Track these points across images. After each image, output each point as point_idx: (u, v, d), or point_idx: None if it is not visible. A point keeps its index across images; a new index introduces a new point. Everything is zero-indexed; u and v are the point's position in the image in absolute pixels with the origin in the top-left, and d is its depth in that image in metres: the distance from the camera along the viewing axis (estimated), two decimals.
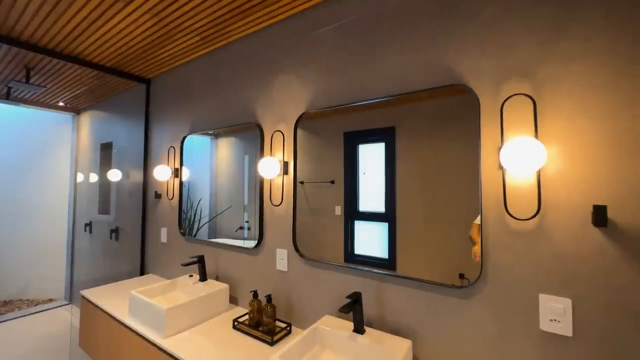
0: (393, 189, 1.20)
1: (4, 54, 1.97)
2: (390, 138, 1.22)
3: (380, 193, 1.24)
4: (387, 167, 1.23)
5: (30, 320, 2.91)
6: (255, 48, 1.68)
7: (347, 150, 1.34)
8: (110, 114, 2.92)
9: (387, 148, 1.23)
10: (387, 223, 1.22)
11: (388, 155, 1.22)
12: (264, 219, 1.57)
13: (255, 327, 1.37)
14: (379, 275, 1.17)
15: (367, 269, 1.20)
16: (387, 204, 1.22)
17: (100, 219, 2.96)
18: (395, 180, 1.20)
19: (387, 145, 1.23)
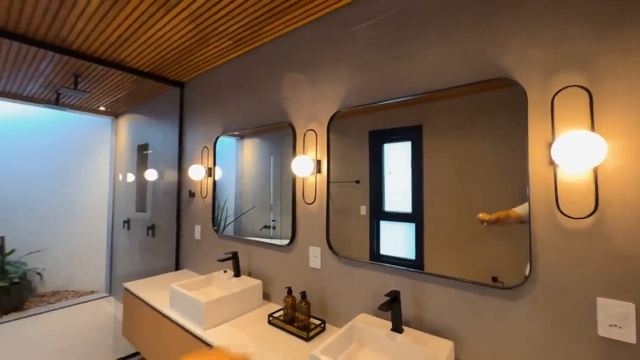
0: (420, 189, 1.18)
1: (56, 62, 2.14)
2: (417, 136, 1.20)
3: (406, 193, 1.22)
4: (413, 166, 1.21)
5: (76, 310, 3.13)
6: (287, 49, 1.71)
7: (372, 149, 1.33)
8: (147, 117, 3.08)
9: (413, 147, 1.21)
10: (413, 223, 1.20)
11: (415, 154, 1.21)
12: (296, 217, 1.59)
13: (290, 323, 1.39)
14: (417, 274, 1.15)
15: (404, 268, 1.18)
16: (413, 204, 1.20)
17: (137, 217, 3.13)
18: (422, 179, 1.17)
19: (413, 144, 1.21)
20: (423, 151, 1.17)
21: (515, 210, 0.95)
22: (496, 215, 0.99)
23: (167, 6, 1.50)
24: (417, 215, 1.18)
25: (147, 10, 1.53)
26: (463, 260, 1.05)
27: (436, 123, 1.15)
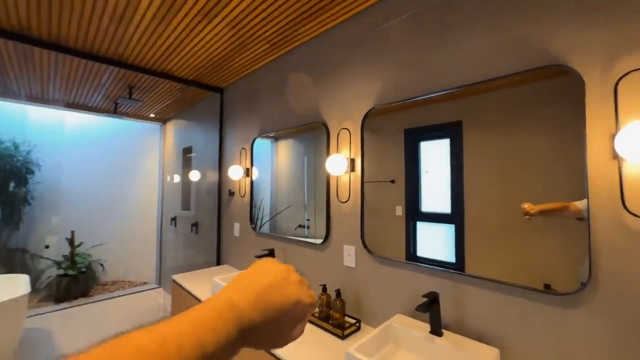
0: (460, 189, 1.12)
1: (115, 75, 2.38)
2: (456, 133, 1.14)
3: (444, 193, 1.17)
4: (452, 164, 1.15)
5: (131, 299, 3.46)
6: (320, 49, 1.73)
7: (408, 147, 1.29)
8: (190, 122, 3.30)
9: (452, 144, 1.16)
10: (453, 225, 1.14)
11: (454, 152, 1.15)
12: (330, 216, 1.61)
13: (325, 320, 1.40)
14: (458, 275, 1.10)
15: (443, 269, 1.14)
16: (453, 205, 1.14)
17: (183, 214, 3.37)
18: (462, 179, 1.11)
19: (452, 141, 1.16)
20: (463, 148, 1.12)
21: (576, 204, 0.86)
22: (545, 206, 0.91)
23: (209, 17, 1.60)
24: (457, 216, 1.13)
25: (191, 22, 1.65)
26: (509, 263, 0.98)
27: (478, 118, 1.09)
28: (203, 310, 0.28)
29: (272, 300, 0.32)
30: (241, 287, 0.32)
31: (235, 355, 0.29)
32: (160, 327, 0.25)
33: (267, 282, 0.33)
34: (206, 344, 0.25)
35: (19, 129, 3.34)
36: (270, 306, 0.32)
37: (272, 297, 0.32)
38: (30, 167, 3.37)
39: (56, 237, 3.56)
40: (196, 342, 0.25)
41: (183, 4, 1.49)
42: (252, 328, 0.30)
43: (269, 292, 0.32)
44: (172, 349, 0.23)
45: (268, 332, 0.32)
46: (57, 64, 2.17)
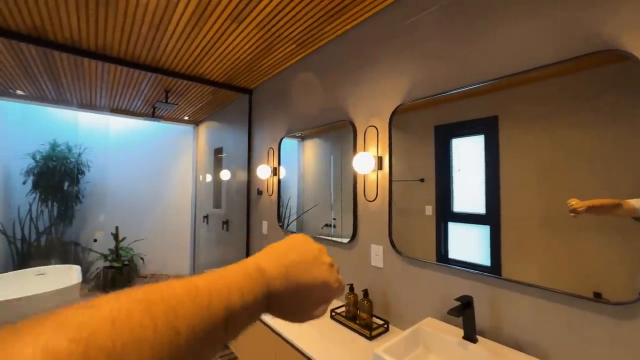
0: (496, 188, 1.05)
1: (153, 81, 2.54)
2: (491, 129, 1.07)
3: (479, 192, 1.10)
4: (487, 162, 1.08)
5: None
6: (346, 47, 1.71)
7: (439, 145, 1.24)
8: (220, 123, 3.44)
9: (487, 140, 1.09)
10: (488, 226, 1.08)
11: (489, 149, 1.08)
12: (357, 214, 1.59)
13: (352, 320, 1.39)
14: (494, 279, 1.04)
15: (477, 272, 1.08)
16: (488, 205, 1.08)
17: (214, 212, 3.52)
18: (498, 177, 1.04)
19: (487, 137, 1.09)
20: (499, 145, 1.05)
21: (631, 201, 0.78)
22: (594, 202, 0.83)
23: (238, 20, 1.65)
24: (493, 216, 1.06)
25: (221, 27, 1.71)
26: (551, 267, 0.91)
27: (516, 112, 1.01)
28: (233, 271, 0.29)
29: (300, 277, 0.32)
30: (272, 258, 0.32)
31: (257, 319, 0.29)
32: (194, 280, 0.25)
33: (297, 258, 0.33)
34: (233, 302, 0.26)
35: (71, 133, 3.68)
36: (297, 282, 0.32)
37: (300, 273, 0.32)
38: (81, 167, 3.70)
39: (103, 232, 3.88)
40: (225, 299, 0.25)
41: (213, 9, 1.55)
42: (278, 296, 0.30)
43: (298, 268, 0.33)
44: (204, 303, 0.24)
45: (293, 305, 0.32)
46: (103, 72, 2.36)
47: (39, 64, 2.20)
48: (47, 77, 2.46)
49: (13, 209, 3.30)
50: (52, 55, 2.05)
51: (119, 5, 1.51)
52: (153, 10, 1.55)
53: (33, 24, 1.67)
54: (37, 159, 3.43)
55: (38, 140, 3.47)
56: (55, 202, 3.53)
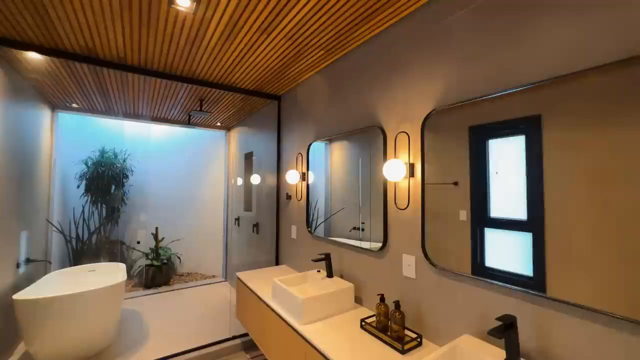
0: (539, 192, 0.97)
1: (189, 91, 2.68)
2: (533, 129, 0.99)
3: (519, 197, 1.03)
4: (529, 165, 1.01)
5: (202, 289, 3.85)
6: (375, 51, 1.68)
7: (474, 147, 1.17)
8: (251, 129, 3.54)
9: (528, 141, 1.01)
10: (530, 233, 1.00)
11: (530, 151, 1.00)
12: (387, 223, 1.55)
13: (383, 331, 1.36)
14: (541, 299, 0.96)
15: (521, 289, 1.00)
16: (530, 210, 1.00)
17: (245, 215, 3.63)
18: (542, 181, 0.97)
19: (528, 138, 1.01)
20: (542, 146, 0.97)
21: None
22: None
23: (267, 31, 1.68)
24: (536, 223, 0.99)
25: (251, 38, 1.76)
26: (607, 286, 0.82)
27: (563, 111, 0.93)
28: None
29: None
30: None
31: None
32: None
33: None
34: None
35: (117, 140, 4.00)
36: None
37: None
38: (125, 172, 4.00)
39: (144, 232, 4.17)
40: None
41: (244, 23, 1.60)
42: None
43: None
44: None
45: None
46: (145, 85, 2.53)
47: (91, 80, 2.41)
48: (97, 91, 2.69)
49: (69, 210, 3.64)
50: (102, 71, 2.24)
51: (158, 25, 1.61)
52: (189, 26, 1.64)
53: (86, 45, 1.84)
54: (88, 165, 3.76)
55: (89, 147, 3.82)
56: (103, 204, 3.85)
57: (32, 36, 1.75)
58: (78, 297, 2.08)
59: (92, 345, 2.23)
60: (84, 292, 2.11)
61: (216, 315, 3.03)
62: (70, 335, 2.09)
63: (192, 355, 2.26)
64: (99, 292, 2.18)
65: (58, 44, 1.84)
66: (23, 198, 2.44)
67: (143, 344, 2.45)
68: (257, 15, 1.52)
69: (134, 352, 2.33)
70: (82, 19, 1.56)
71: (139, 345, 2.44)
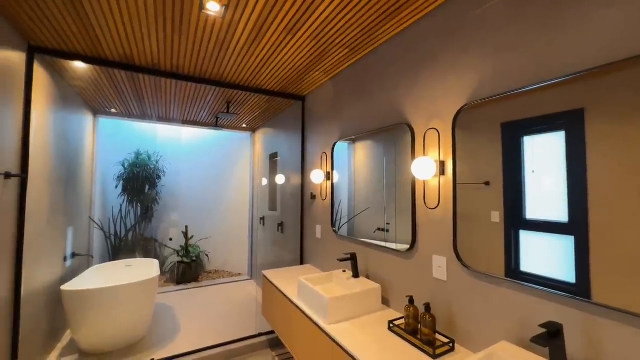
0: (582, 192, 0.90)
1: (217, 93, 2.77)
2: (574, 124, 0.92)
3: (559, 197, 0.96)
4: (570, 162, 0.93)
5: (229, 287, 3.96)
6: (402, 47, 1.64)
7: (507, 144, 1.11)
8: (275, 130, 3.59)
9: (569, 137, 0.94)
10: (572, 236, 0.93)
11: (572, 147, 0.93)
12: (416, 223, 1.51)
13: (412, 334, 1.32)
14: (589, 305, 0.88)
15: (566, 295, 0.93)
16: (572, 212, 0.93)
17: (270, 215, 3.69)
18: (585, 179, 0.89)
19: (569, 133, 0.94)
20: (586, 142, 0.90)
21: None
22: None
23: (292, 32, 1.70)
24: (578, 225, 0.91)
25: (277, 39, 1.78)
26: None
27: (609, 103, 0.85)
28: None
29: None
30: None
31: None
32: None
33: None
34: None
35: (151, 143, 4.23)
36: None
37: None
38: (158, 173, 4.21)
39: (175, 230, 4.36)
40: None
41: (271, 23, 1.62)
42: None
43: None
44: None
45: None
46: (177, 89, 2.65)
47: (128, 86, 2.56)
48: (134, 96, 2.86)
49: (108, 209, 3.90)
50: (138, 77, 2.37)
51: (190, 30, 1.68)
52: (218, 30, 1.69)
53: (124, 53, 1.96)
54: (125, 166, 4.01)
55: (126, 150, 4.07)
56: (138, 203, 4.08)
57: (79, 47, 1.89)
58: (118, 289, 2.22)
59: (129, 336, 2.37)
60: (124, 285, 2.24)
61: (242, 312, 3.11)
62: (110, 325, 2.23)
63: (220, 350, 2.32)
64: (136, 286, 2.31)
65: (100, 54, 1.97)
66: (70, 197, 2.65)
67: (174, 337, 2.56)
68: (283, 15, 1.54)
69: (167, 344, 2.44)
70: (121, 29, 1.67)
71: (171, 338, 2.55)
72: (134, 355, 2.28)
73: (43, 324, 2.13)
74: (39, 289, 2.05)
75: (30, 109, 1.82)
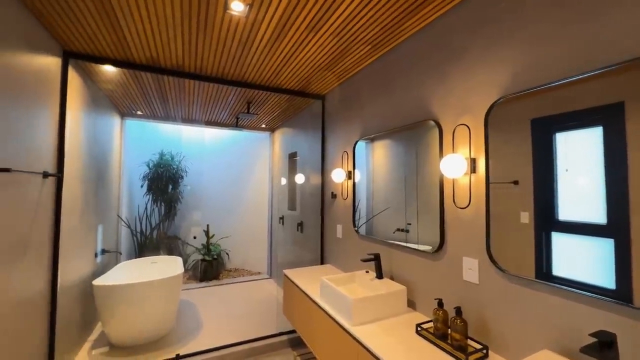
0: (623, 192, 0.84)
1: (238, 94, 2.80)
2: (613, 118, 0.86)
3: (595, 197, 0.90)
4: (608, 160, 0.87)
5: (249, 285, 4.00)
6: (428, 41, 1.59)
7: (538, 141, 1.05)
8: (294, 129, 3.60)
9: (607, 133, 0.88)
10: (611, 239, 0.86)
11: (611, 143, 0.87)
12: (444, 223, 1.45)
13: (441, 338, 1.27)
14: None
15: (616, 301, 0.85)
16: (611, 213, 0.86)
17: (289, 214, 3.70)
18: (626, 178, 0.83)
19: (607, 129, 0.88)
20: (626, 138, 0.83)
21: None
22: None
23: (315, 29, 1.68)
24: (619, 228, 0.85)
25: (299, 38, 1.77)
26: None
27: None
28: None
29: None
30: None
31: None
32: None
33: None
34: None
35: (175, 143, 4.35)
36: None
37: None
38: (181, 173, 4.33)
39: (197, 229, 4.47)
40: None
41: (293, 22, 1.61)
42: None
43: None
44: None
45: None
46: (200, 90, 2.70)
47: (153, 88, 2.64)
48: (158, 98, 2.94)
49: (134, 207, 4.05)
50: (163, 79, 2.44)
51: (214, 31, 1.70)
52: (241, 30, 1.70)
53: (151, 56, 2.01)
54: (150, 167, 4.15)
55: (151, 150, 4.21)
56: (162, 202, 4.21)
57: (109, 52, 1.96)
58: (146, 285, 2.29)
59: (156, 330, 2.44)
60: (151, 281, 2.31)
61: (263, 311, 3.13)
62: (138, 319, 2.31)
63: (242, 348, 2.35)
64: (162, 282, 2.37)
65: (129, 57, 2.04)
66: (100, 196, 2.77)
67: (197, 334, 2.62)
68: (306, 13, 1.53)
69: (190, 340, 2.49)
70: (149, 33, 1.71)
71: (194, 334, 2.60)
72: (160, 349, 2.35)
73: (77, 317, 2.23)
74: (74, 283, 2.14)
75: (65, 111, 1.90)
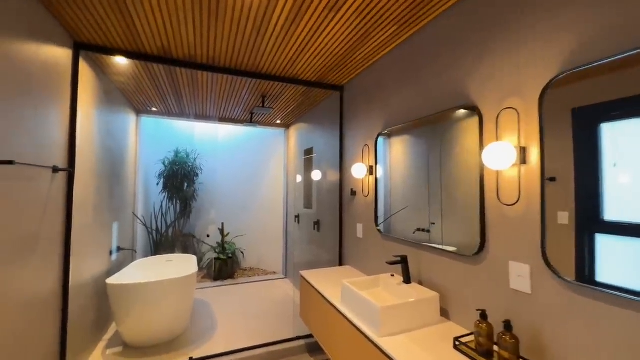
0: None
1: (252, 86, 2.69)
2: None
3: None
4: None
5: (264, 285, 3.91)
6: (465, 16, 1.40)
7: (579, 133, 0.94)
8: (310, 124, 3.46)
9: None
10: None
11: None
12: (485, 222, 1.27)
13: (486, 355, 1.09)
14: None
15: None
16: None
17: (305, 213, 3.56)
18: None
19: None
20: None
21: None
22: None
23: (335, 8, 1.53)
24: None
25: (318, 19, 1.63)
26: None
27: None
28: None
29: None
30: None
31: None
32: None
33: None
34: None
35: (189, 141, 4.31)
36: None
37: None
38: (196, 170, 4.29)
39: (212, 227, 4.42)
40: None
41: (311, 1, 1.47)
42: None
43: None
44: None
45: None
46: (213, 83, 2.61)
47: (166, 81, 2.57)
48: (172, 93, 2.88)
49: (150, 205, 4.04)
50: (175, 72, 2.36)
51: (226, 14, 1.58)
52: (255, 12, 1.57)
53: (162, 45, 1.92)
54: (165, 164, 4.12)
55: (166, 148, 4.18)
56: (177, 200, 4.18)
57: (120, 42, 1.89)
58: (160, 284, 2.22)
59: (170, 330, 2.37)
60: (165, 280, 2.24)
61: (279, 313, 3.01)
62: (152, 318, 2.24)
63: (258, 352, 2.24)
64: (177, 281, 2.29)
65: (140, 48, 1.96)
66: (115, 193, 2.73)
67: (212, 335, 2.53)
68: None
69: (205, 342, 2.41)
70: (159, 19, 1.62)
71: (209, 335, 2.52)
72: (174, 351, 2.27)
73: (90, 316, 2.18)
74: (88, 281, 2.09)
75: (76, 104, 1.84)
